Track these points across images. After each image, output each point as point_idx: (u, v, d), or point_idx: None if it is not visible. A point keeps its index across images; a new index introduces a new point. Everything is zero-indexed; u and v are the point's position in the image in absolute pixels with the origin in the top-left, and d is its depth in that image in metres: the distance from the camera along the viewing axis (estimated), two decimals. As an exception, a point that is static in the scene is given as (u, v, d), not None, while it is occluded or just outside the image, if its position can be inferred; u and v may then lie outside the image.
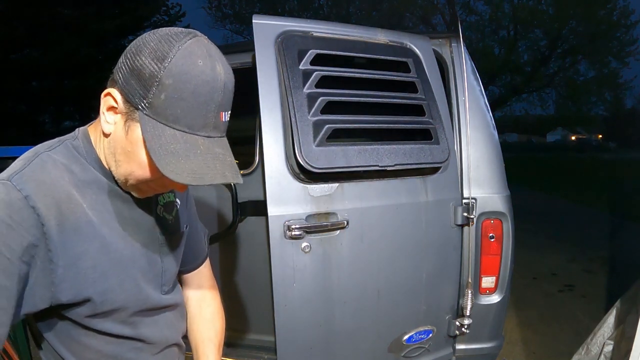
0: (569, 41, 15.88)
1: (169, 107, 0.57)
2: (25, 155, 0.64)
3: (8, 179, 0.58)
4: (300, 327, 1.49)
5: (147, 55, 0.57)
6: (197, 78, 0.57)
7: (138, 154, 0.61)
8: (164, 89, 0.56)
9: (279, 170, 1.42)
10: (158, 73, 0.56)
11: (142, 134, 0.58)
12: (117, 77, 0.60)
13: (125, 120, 0.61)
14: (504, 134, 47.38)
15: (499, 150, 1.79)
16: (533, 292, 3.92)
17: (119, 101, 0.60)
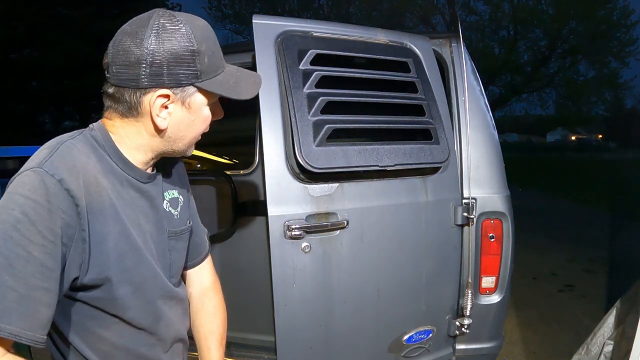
0: (569, 41, 15.87)
1: (211, 62, 0.70)
2: (48, 145, 0.67)
3: (39, 166, 0.62)
4: (300, 327, 1.49)
5: (172, 45, 0.67)
6: (206, 29, 0.73)
7: (202, 113, 0.74)
8: (204, 54, 0.69)
9: (279, 170, 1.42)
10: (194, 46, 0.67)
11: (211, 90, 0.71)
12: (149, 83, 0.67)
13: (182, 102, 0.71)
14: (504, 134, 47.37)
15: (499, 150, 1.79)
16: (533, 292, 3.92)
17: (170, 95, 0.69)
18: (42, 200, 0.60)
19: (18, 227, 0.58)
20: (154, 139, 0.73)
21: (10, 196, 0.60)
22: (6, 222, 0.58)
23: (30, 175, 0.61)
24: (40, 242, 0.59)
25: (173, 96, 0.69)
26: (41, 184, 0.60)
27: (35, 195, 0.59)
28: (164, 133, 0.73)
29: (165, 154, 0.78)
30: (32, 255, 0.59)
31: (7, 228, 0.58)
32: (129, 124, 0.72)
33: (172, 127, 0.72)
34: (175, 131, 0.73)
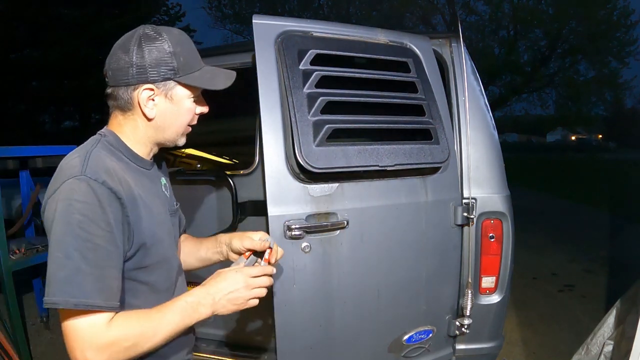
0: (569, 41, 15.86)
1: (186, 61, 0.87)
2: (76, 156, 0.83)
3: (81, 174, 0.78)
4: (300, 327, 1.49)
5: (151, 49, 0.84)
6: (182, 36, 0.90)
7: (184, 105, 0.90)
8: (179, 54, 0.86)
9: (279, 170, 1.42)
10: (170, 49, 0.85)
11: (187, 83, 0.87)
12: (131, 74, 0.84)
13: (165, 94, 0.87)
14: (504, 134, 47.34)
15: (499, 150, 1.79)
16: (533, 292, 3.92)
17: (154, 89, 0.86)
18: (94, 201, 0.77)
19: (82, 227, 0.75)
20: (149, 129, 0.91)
21: (67, 203, 0.76)
22: (72, 224, 0.75)
23: (76, 182, 0.77)
24: (101, 234, 0.76)
25: (157, 90, 0.86)
26: (89, 188, 0.77)
27: (88, 199, 0.76)
28: (154, 122, 0.89)
29: (160, 144, 0.95)
30: (98, 245, 0.76)
31: (74, 229, 0.75)
32: (127, 118, 0.90)
33: (159, 116, 0.89)
34: (162, 120, 0.90)
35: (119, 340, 0.77)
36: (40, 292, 3.23)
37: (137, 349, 0.79)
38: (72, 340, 0.75)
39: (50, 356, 2.89)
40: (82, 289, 0.74)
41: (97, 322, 0.76)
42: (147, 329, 0.80)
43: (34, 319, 3.40)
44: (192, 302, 0.85)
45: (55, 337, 3.16)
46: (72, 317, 0.75)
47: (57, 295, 0.73)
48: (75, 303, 0.73)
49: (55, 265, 0.76)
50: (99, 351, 0.75)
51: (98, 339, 0.75)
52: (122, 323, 0.78)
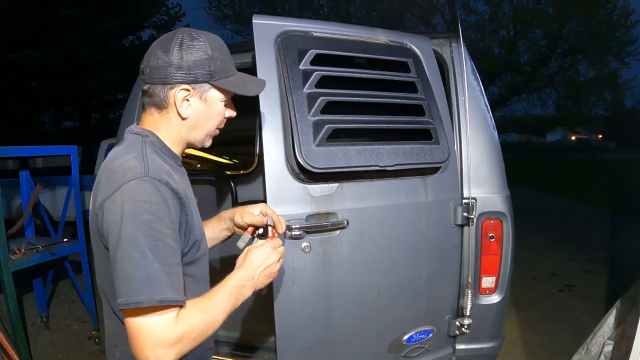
0: (569, 41, 15.86)
1: (222, 66, 0.91)
2: (132, 157, 0.85)
3: (145, 175, 0.81)
4: (300, 327, 1.49)
5: (191, 52, 0.87)
6: (219, 42, 0.94)
7: (216, 108, 0.94)
8: (216, 59, 0.90)
9: (279, 170, 1.42)
10: (208, 53, 0.88)
11: (222, 87, 0.91)
12: (168, 73, 0.87)
13: (200, 96, 0.91)
14: (504, 134, 47.32)
15: (499, 150, 1.79)
16: (533, 292, 3.92)
17: (190, 90, 0.89)
18: (161, 201, 0.80)
19: (152, 226, 0.78)
20: (182, 128, 0.93)
21: (134, 203, 0.78)
22: (141, 224, 0.77)
23: (141, 183, 0.80)
24: (168, 232, 0.80)
25: (192, 91, 0.89)
26: (155, 189, 0.80)
27: (154, 199, 0.80)
28: (188, 122, 0.92)
29: (190, 144, 0.98)
30: (167, 243, 0.79)
31: (144, 228, 0.77)
32: (162, 117, 0.92)
33: (192, 116, 0.92)
34: (195, 120, 0.93)
35: (186, 333, 0.79)
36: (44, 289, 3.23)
37: (201, 338, 0.83)
38: (142, 339, 0.76)
39: (50, 356, 2.89)
40: (161, 286, 0.76)
41: (167, 319, 0.77)
42: (207, 318, 0.84)
43: (34, 319, 3.40)
44: (237, 286, 0.90)
45: (56, 337, 3.16)
46: (143, 315, 0.76)
47: (141, 294, 0.74)
48: (160, 299, 0.75)
49: (133, 265, 0.76)
50: (170, 347, 0.77)
51: (169, 335, 0.77)
52: (187, 317, 0.80)
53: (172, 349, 0.77)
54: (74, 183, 2.92)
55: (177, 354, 0.78)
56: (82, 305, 3.37)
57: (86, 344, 3.05)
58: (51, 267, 3.22)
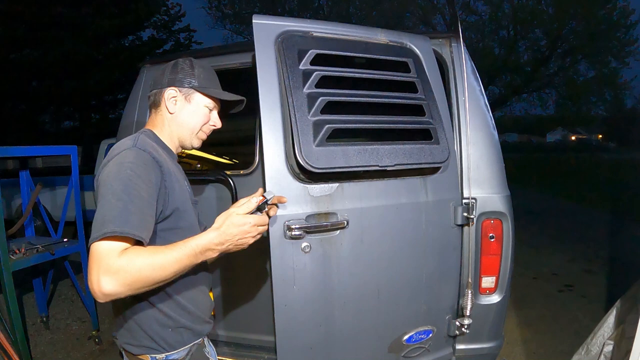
0: (569, 41, 15.86)
1: (205, 80, 1.16)
2: (127, 139, 1.06)
3: (133, 146, 1.02)
4: (300, 327, 1.49)
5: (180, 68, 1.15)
6: (207, 66, 1.19)
7: (199, 108, 1.16)
8: (200, 74, 1.15)
9: (279, 170, 1.42)
10: (193, 71, 1.15)
11: (201, 92, 1.15)
12: (164, 83, 1.14)
13: (185, 97, 1.14)
14: (504, 134, 47.33)
15: (499, 150, 1.78)
16: (533, 292, 3.92)
17: (177, 91, 1.13)
18: (141, 163, 0.99)
19: (131, 179, 0.94)
20: (171, 123, 1.15)
21: (119, 165, 0.97)
22: (123, 178, 0.94)
23: (128, 151, 1.00)
24: (145, 187, 0.96)
25: (179, 93, 1.14)
26: (139, 154, 1.00)
27: (137, 161, 0.98)
28: (175, 116, 1.14)
29: (181, 142, 1.18)
30: (141, 195, 0.95)
31: (124, 181, 0.94)
32: (157, 114, 1.16)
33: (178, 112, 1.14)
34: (181, 116, 1.14)
35: (127, 266, 0.87)
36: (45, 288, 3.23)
37: (144, 278, 0.89)
38: (91, 266, 0.87)
39: (50, 356, 2.89)
40: (129, 222, 0.90)
41: (113, 249, 0.88)
42: (154, 261, 0.90)
43: (34, 319, 3.40)
44: (202, 246, 0.97)
45: (56, 337, 3.16)
46: (97, 247, 0.88)
47: (109, 228, 0.87)
48: (121, 232, 0.88)
49: (108, 207, 0.91)
50: (109, 274, 0.85)
51: (111, 263, 0.86)
52: (134, 253, 0.89)
53: (110, 277, 0.85)
54: (74, 183, 2.92)
55: (116, 284, 0.85)
56: (82, 305, 3.37)
57: (86, 344, 3.05)
58: (51, 267, 3.22)
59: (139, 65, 2.17)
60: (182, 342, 1.11)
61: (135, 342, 1.09)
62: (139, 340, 1.08)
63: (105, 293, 0.85)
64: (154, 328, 1.07)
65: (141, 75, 2.12)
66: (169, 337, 1.09)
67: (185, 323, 1.11)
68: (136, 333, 1.08)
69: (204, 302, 1.20)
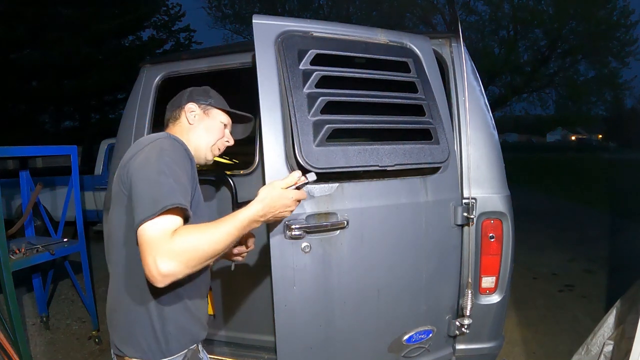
0: (569, 41, 15.85)
1: (217, 101, 1.28)
2: (158, 134, 1.11)
3: (168, 137, 1.09)
4: (300, 327, 1.49)
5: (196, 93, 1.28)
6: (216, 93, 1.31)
7: (216, 122, 1.27)
8: (213, 96, 1.29)
9: (279, 170, 1.42)
10: (208, 93, 1.28)
11: (218, 106, 1.27)
12: (182, 101, 1.25)
13: (203, 110, 1.25)
14: (504, 134, 47.34)
15: (499, 150, 1.78)
16: (533, 292, 3.92)
17: (197, 105, 1.25)
18: (178, 151, 1.05)
19: (170, 166, 0.99)
20: (190, 135, 1.23)
21: (161, 149, 1.02)
22: (166, 162, 0.99)
23: (164, 140, 1.06)
24: (183, 174, 1.01)
25: (197, 108, 1.25)
26: (175, 144, 1.06)
27: (174, 149, 1.05)
28: (194, 127, 1.23)
29: (196, 155, 1.23)
30: (182, 180, 0.99)
31: (167, 164, 0.99)
32: (176, 125, 1.25)
33: (197, 123, 1.24)
34: (199, 128, 1.23)
35: (184, 244, 0.89)
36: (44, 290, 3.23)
37: (203, 254, 0.91)
38: (146, 252, 0.88)
39: (50, 356, 2.89)
40: (178, 198, 0.94)
41: (165, 231, 0.90)
42: (210, 236, 0.93)
43: (34, 319, 3.40)
44: (249, 218, 1.01)
45: (56, 337, 3.16)
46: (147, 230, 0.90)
47: (164, 203, 0.91)
48: (178, 203, 0.92)
49: (156, 186, 0.94)
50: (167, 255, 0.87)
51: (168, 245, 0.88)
52: (185, 231, 0.92)
53: (167, 258, 0.87)
54: (74, 183, 2.92)
55: (174, 264, 0.87)
56: (82, 305, 3.37)
57: (86, 344, 3.05)
58: (51, 267, 3.22)
59: (139, 65, 2.17)
60: (179, 348, 1.10)
61: (132, 347, 1.07)
62: (136, 344, 1.07)
63: (164, 274, 0.86)
64: (156, 329, 1.06)
65: (141, 75, 2.12)
66: (169, 340, 1.07)
67: (186, 326, 1.11)
68: (134, 337, 1.07)
69: (203, 307, 1.21)
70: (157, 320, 1.06)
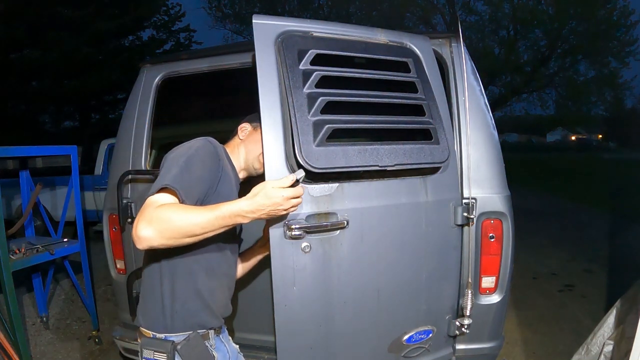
0: (569, 41, 15.85)
1: None
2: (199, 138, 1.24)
3: (206, 139, 1.23)
4: (300, 327, 1.49)
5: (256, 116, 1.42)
6: None
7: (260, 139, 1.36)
8: None
9: (279, 170, 1.41)
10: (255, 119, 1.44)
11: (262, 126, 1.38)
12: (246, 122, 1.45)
13: (253, 128, 1.43)
14: (504, 134, 47.33)
15: (499, 150, 1.78)
16: (533, 292, 3.92)
17: (248, 124, 1.44)
18: (205, 148, 1.19)
19: (191, 158, 1.14)
20: (241, 148, 1.41)
21: (188, 146, 1.18)
22: (187, 154, 1.14)
23: (200, 140, 1.21)
24: (201, 167, 1.14)
25: (249, 126, 1.44)
26: (206, 143, 1.20)
27: (202, 145, 1.19)
28: (245, 142, 1.41)
29: (247, 167, 1.41)
30: (197, 172, 1.12)
31: (186, 157, 1.13)
32: (232, 139, 1.44)
33: (247, 138, 1.42)
34: (248, 143, 1.41)
35: (161, 214, 0.99)
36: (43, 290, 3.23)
37: (177, 229, 1.00)
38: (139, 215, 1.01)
39: (50, 356, 2.89)
40: (178, 182, 1.06)
41: (154, 201, 1.03)
42: (188, 214, 1.01)
43: (34, 319, 3.40)
44: (232, 211, 1.05)
45: (56, 337, 3.16)
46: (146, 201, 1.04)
47: (160, 184, 1.05)
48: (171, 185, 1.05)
49: (167, 173, 1.09)
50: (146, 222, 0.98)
51: (150, 213, 1.00)
52: (170, 205, 1.03)
53: (146, 223, 0.98)
54: (74, 183, 2.92)
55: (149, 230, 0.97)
56: (82, 305, 3.37)
57: (86, 344, 3.05)
58: (51, 267, 3.22)
59: (139, 65, 2.16)
60: (182, 327, 1.17)
61: (142, 316, 1.19)
62: (147, 314, 1.19)
63: (139, 236, 0.97)
64: (165, 305, 1.16)
65: (141, 75, 2.12)
66: (174, 317, 1.16)
67: (193, 309, 1.18)
68: (147, 307, 1.19)
69: (221, 299, 1.29)
70: (168, 296, 1.16)
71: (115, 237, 2.18)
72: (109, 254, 2.24)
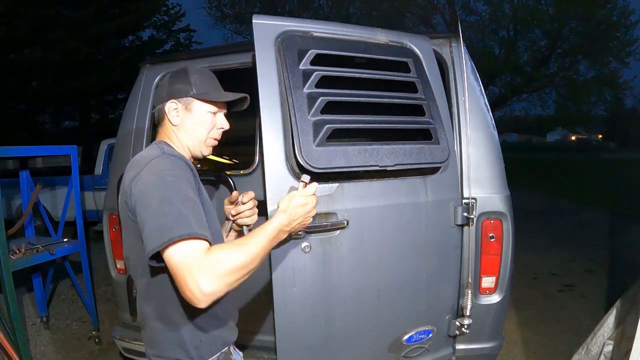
0: (569, 41, 15.83)
1: (202, 86, 1.13)
2: (150, 149, 1.08)
3: (161, 154, 1.03)
4: (300, 327, 1.49)
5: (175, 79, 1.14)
6: (204, 71, 1.18)
7: (202, 116, 1.14)
8: (197, 81, 1.13)
9: (278, 170, 1.42)
10: (188, 79, 1.13)
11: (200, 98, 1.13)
12: (164, 97, 1.13)
13: (185, 107, 1.13)
14: (504, 134, 47.35)
15: (499, 150, 1.78)
16: (533, 292, 3.92)
17: (177, 102, 1.12)
18: (178, 168, 1.01)
19: (174, 185, 0.95)
20: (179, 134, 1.14)
21: (157, 173, 0.97)
22: (168, 185, 0.95)
23: (160, 159, 1.01)
24: (189, 189, 0.98)
25: (179, 104, 1.13)
26: (172, 161, 1.01)
27: (173, 166, 1.00)
28: (179, 127, 1.14)
29: (192, 152, 1.16)
30: (190, 196, 0.96)
31: (170, 188, 0.94)
32: (163, 128, 1.16)
33: (181, 122, 1.14)
34: (185, 126, 1.14)
35: (220, 262, 0.87)
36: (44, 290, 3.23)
37: (241, 270, 0.90)
38: (182, 274, 0.85)
39: (50, 356, 2.89)
40: (189, 225, 0.89)
41: (198, 250, 0.88)
42: (245, 251, 0.92)
43: (34, 319, 3.40)
44: (276, 229, 1.02)
45: (56, 337, 3.16)
46: (177, 254, 0.87)
47: (172, 233, 0.87)
48: (188, 233, 0.88)
49: (164, 216, 0.90)
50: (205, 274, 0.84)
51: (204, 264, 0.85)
52: (220, 249, 0.91)
53: (207, 277, 0.84)
54: (74, 183, 2.92)
55: (215, 282, 0.84)
56: (82, 305, 3.37)
57: (86, 344, 3.05)
58: (51, 267, 3.22)
59: (139, 65, 2.17)
60: (210, 352, 1.10)
61: (164, 354, 1.07)
62: (168, 351, 1.07)
63: (207, 294, 0.83)
64: (185, 338, 1.06)
65: (141, 75, 2.12)
66: (199, 346, 1.08)
67: (215, 333, 1.11)
68: (166, 343, 1.07)
69: (231, 308, 1.21)
70: (188, 331, 1.06)
71: (115, 237, 2.18)
72: (109, 254, 2.24)
